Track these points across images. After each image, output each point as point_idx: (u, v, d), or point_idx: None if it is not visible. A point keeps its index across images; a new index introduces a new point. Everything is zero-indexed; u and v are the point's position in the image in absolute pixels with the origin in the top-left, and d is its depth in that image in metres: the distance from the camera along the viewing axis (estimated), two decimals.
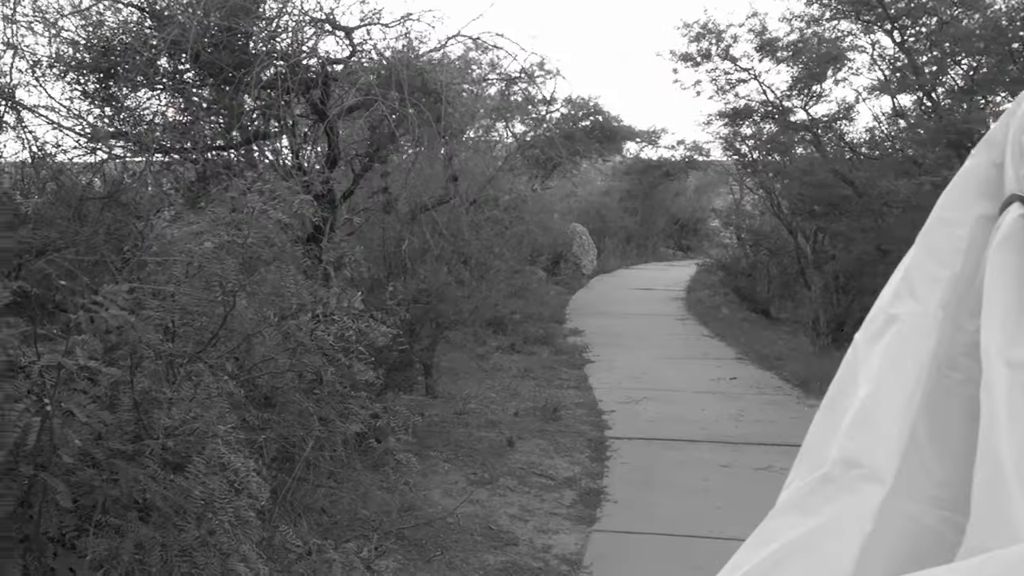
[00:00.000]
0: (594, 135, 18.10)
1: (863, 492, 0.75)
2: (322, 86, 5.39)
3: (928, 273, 0.82)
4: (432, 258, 8.69)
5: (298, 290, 3.72)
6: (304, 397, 4.61)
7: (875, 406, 0.78)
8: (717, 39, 10.75)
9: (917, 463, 0.75)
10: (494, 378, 10.55)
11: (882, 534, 0.74)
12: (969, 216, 0.81)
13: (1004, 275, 0.74)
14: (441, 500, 6.44)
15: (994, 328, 0.73)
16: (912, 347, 0.79)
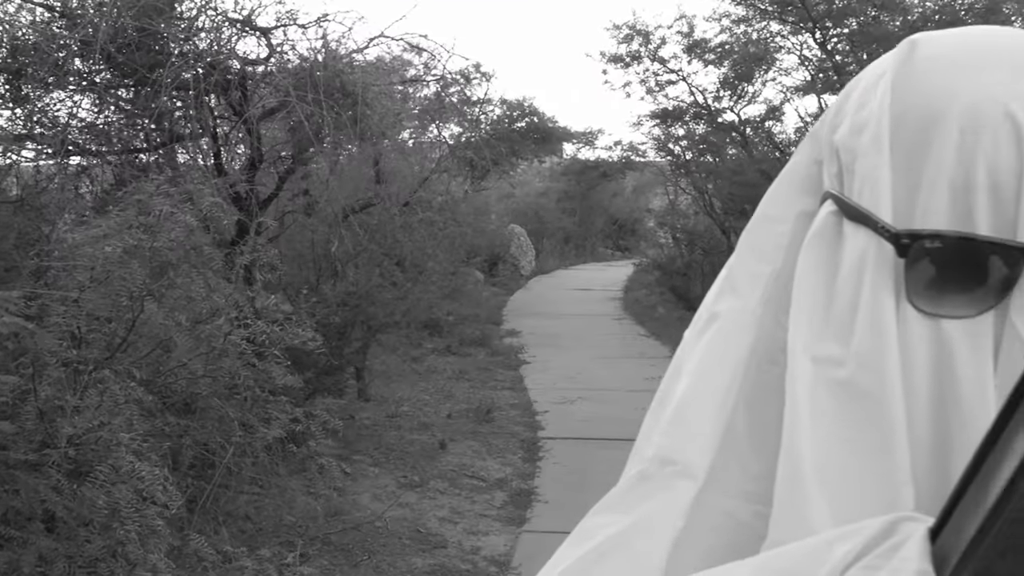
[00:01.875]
0: (530, 136, 18.15)
1: (676, 489, 0.74)
2: (240, 88, 5.31)
3: (749, 270, 0.81)
4: (364, 260, 8.63)
5: (209, 294, 3.65)
6: (224, 403, 4.54)
7: (690, 403, 0.78)
8: (646, 40, 10.85)
9: (734, 458, 0.75)
10: (428, 380, 10.51)
11: (696, 530, 0.74)
12: (791, 212, 0.80)
13: (813, 272, 0.74)
14: (370, 504, 6.40)
15: (800, 324, 0.73)
16: (730, 344, 0.79)
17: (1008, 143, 0.64)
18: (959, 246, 0.65)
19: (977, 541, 0.43)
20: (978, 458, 0.42)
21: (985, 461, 0.42)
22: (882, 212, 0.68)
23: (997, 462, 0.41)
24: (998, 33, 0.72)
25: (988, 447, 0.41)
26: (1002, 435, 0.40)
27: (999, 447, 0.41)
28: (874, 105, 0.71)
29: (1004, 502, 0.41)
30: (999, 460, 0.41)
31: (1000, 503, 0.41)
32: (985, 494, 0.42)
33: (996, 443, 0.41)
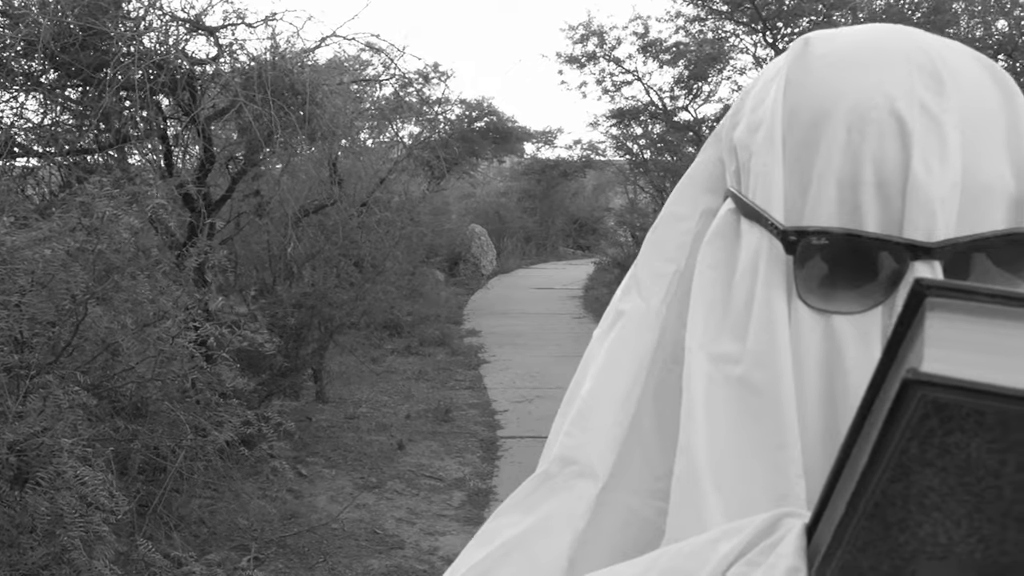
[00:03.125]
0: (489, 136, 18.15)
1: (577, 489, 0.75)
2: (188, 88, 5.25)
3: (654, 269, 0.81)
4: (320, 261, 8.58)
5: (156, 297, 3.61)
6: (175, 406, 4.49)
7: (593, 403, 0.78)
8: (601, 41, 10.90)
9: (640, 456, 0.76)
10: (388, 381, 10.47)
11: (602, 529, 0.74)
12: (696, 211, 0.81)
13: (711, 269, 0.74)
14: (327, 506, 6.36)
15: (697, 322, 0.73)
16: (633, 343, 0.79)
17: (893, 140, 0.65)
18: (846, 243, 0.65)
19: (839, 536, 0.44)
20: (842, 455, 0.43)
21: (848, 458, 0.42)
22: (774, 210, 0.68)
23: (855, 459, 0.41)
24: (888, 32, 0.72)
25: (850, 444, 0.42)
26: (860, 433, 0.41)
27: (857, 445, 0.41)
28: (768, 104, 0.72)
29: (858, 498, 0.41)
30: (856, 457, 0.41)
31: (854, 499, 0.42)
32: (845, 490, 0.42)
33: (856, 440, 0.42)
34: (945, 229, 0.63)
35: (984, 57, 0.72)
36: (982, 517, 0.40)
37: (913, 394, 0.36)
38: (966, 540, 0.41)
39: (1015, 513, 0.39)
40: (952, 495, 0.40)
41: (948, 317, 0.39)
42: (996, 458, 0.38)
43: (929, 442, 0.38)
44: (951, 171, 0.64)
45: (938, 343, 0.38)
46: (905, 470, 0.39)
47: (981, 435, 0.37)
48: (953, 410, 0.37)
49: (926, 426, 0.37)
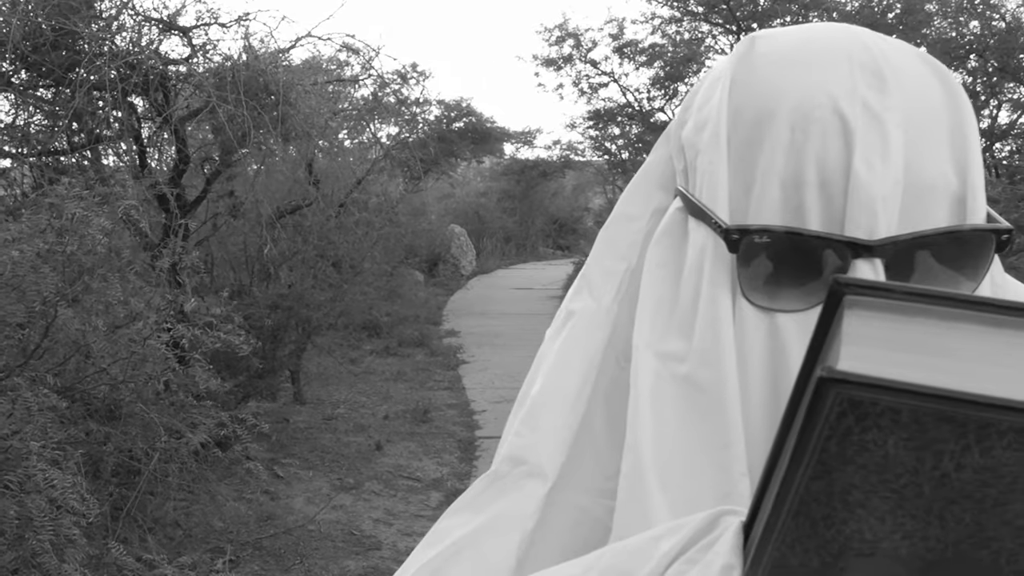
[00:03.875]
0: (468, 136, 18.14)
1: (526, 489, 0.74)
2: (162, 88, 5.22)
3: (605, 267, 0.81)
4: (298, 262, 8.55)
5: (127, 298, 3.59)
6: (148, 408, 4.46)
7: (543, 402, 0.78)
8: (577, 43, 10.92)
9: (591, 455, 0.75)
10: (366, 382, 10.45)
11: (552, 528, 0.74)
12: (647, 210, 0.81)
13: (659, 268, 0.74)
14: (303, 508, 6.34)
15: (645, 320, 0.73)
16: (584, 342, 0.79)
17: (836, 139, 0.65)
18: (789, 241, 0.65)
19: (768, 534, 0.44)
20: (772, 453, 0.43)
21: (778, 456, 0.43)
22: (719, 208, 0.68)
23: (783, 458, 0.42)
24: (833, 30, 0.72)
25: (779, 443, 0.42)
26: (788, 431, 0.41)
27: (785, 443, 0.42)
28: (714, 103, 0.72)
29: (783, 496, 0.42)
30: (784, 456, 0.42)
31: (780, 497, 0.42)
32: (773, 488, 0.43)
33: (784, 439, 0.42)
34: (887, 227, 0.64)
35: (929, 56, 0.73)
36: (904, 513, 0.40)
37: (828, 392, 0.37)
38: (891, 536, 0.41)
39: (936, 509, 0.40)
40: (874, 492, 0.40)
41: (866, 315, 0.40)
42: (913, 455, 0.38)
43: (847, 440, 0.38)
44: (893, 169, 0.64)
45: (855, 341, 0.39)
46: (826, 468, 0.39)
47: (897, 432, 0.37)
48: (868, 408, 0.37)
49: (843, 424, 0.37)
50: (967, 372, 0.37)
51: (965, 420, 0.36)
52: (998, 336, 0.39)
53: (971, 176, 0.68)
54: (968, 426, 0.36)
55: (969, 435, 0.37)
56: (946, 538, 0.41)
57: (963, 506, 0.40)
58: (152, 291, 3.93)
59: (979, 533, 0.40)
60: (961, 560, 0.42)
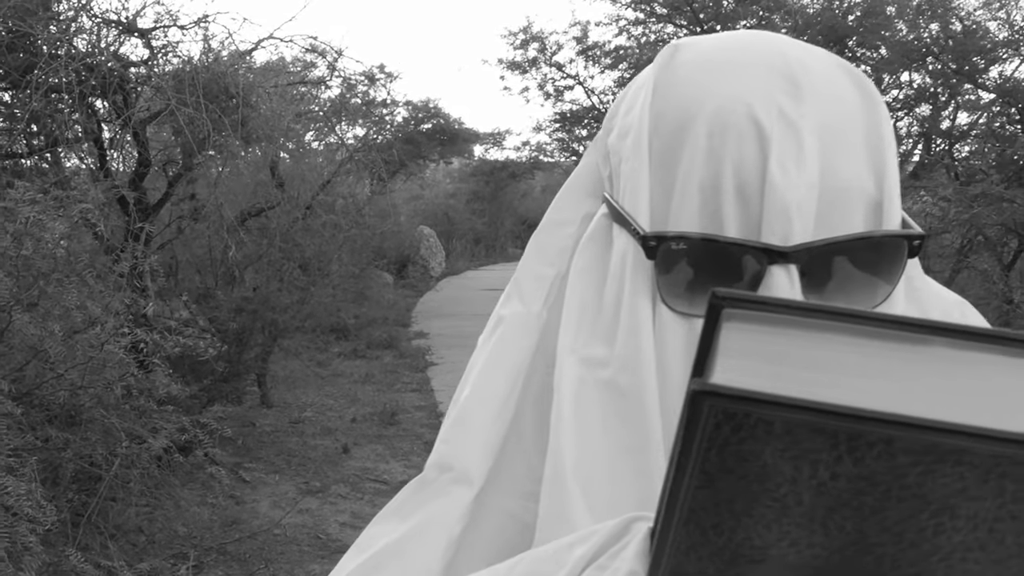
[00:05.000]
0: (436, 138, 18.11)
1: (452, 495, 0.75)
2: (121, 90, 5.17)
3: (535, 273, 0.81)
4: (263, 265, 8.49)
5: (84, 302, 3.55)
6: (109, 413, 4.42)
7: (470, 408, 0.78)
8: (542, 46, 10.94)
9: (519, 461, 0.75)
10: (334, 385, 10.40)
11: (480, 534, 0.74)
12: (577, 215, 0.81)
13: (584, 274, 0.75)
14: (269, 512, 6.30)
15: (570, 326, 0.74)
16: (512, 347, 0.79)
17: (752, 145, 0.65)
18: (706, 247, 0.66)
19: (663, 541, 0.45)
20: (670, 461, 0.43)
21: None
22: (640, 215, 0.69)
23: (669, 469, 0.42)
24: (752, 38, 0.73)
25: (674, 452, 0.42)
26: None
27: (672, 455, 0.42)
28: (637, 109, 0.72)
29: (673, 504, 0.42)
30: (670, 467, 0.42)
31: (670, 505, 0.42)
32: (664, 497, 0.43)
33: None
34: (802, 233, 0.64)
35: (848, 64, 0.74)
36: (789, 521, 0.41)
37: (702, 404, 0.37)
38: (778, 543, 0.42)
39: (818, 517, 0.40)
40: (757, 501, 0.40)
41: (743, 328, 0.40)
42: (790, 465, 0.38)
43: (726, 450, 0.38)
44: (808, 175, 0.64)
45: (731, 354, 0.39)
46: (709, 477, 0.40)
47: (772, 443, 0.38)
48: (742, 420, 0.37)
49: (721, 435, 0.38)
50: (838, 384, 0.38)
51: (835, 431, 0.37)
52: (871, 348, 0.40)
53: (887, 182, 0.69)
54: (839, 437, 0.37)
55: (841, 446, 0.37)
56: (830, 545, 0.42)
57: (843, 514, 0.40)
58: (110, 295, 3.89)
59: (862, 540, 0.41)
60: (847, 566, 0.42)
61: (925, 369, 0.39)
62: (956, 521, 0.39)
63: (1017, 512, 0.38)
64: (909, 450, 0.37)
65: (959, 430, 0.36)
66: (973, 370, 0.39)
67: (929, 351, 0.40)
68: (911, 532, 0.40)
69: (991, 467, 0.37)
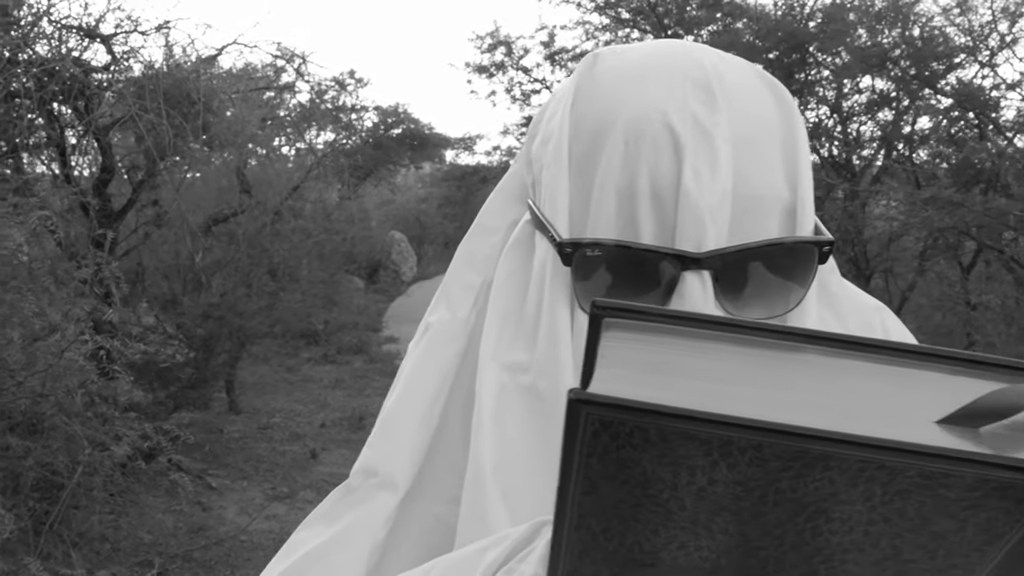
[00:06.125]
0: (406, 143, 18.06)
1: (377, 500, 0.75)
2: (84, 96, 5.14)
3: (463, 280, 0.81)
4: (230, 271, 8.45)
5: (43, 310, 3.53)
6: (71, 421, 4.39)
7: (396, 414, 0.78)
8: (509, 50, 10.96)
9: (446, 465, 0.76)
10: (303, 390, 10.36)
11: (407, 538, 0.75)
12: (505, 222, 0.81)
13: (508, 279, 0.75)
14: (236, 518, 6.28)
15: (492, 331, 0.74)
16: (438, 354, 0.79)
17: (667, 153, 0.66)
18: (622, 253, 0.67)
19: (556, 547, 0.45)
20: None
21: None
22: (559, 222, 0.70)
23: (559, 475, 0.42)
24: (671, 47, 0.74)
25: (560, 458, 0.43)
26: None
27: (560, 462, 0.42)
28: (557, 117, 0.73)
29: (562, 510, 0.43)
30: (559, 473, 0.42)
31: (560, 511, 0.43)
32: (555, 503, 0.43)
33: None
34: (716, 239, 0.65)
35: (766, 73, 0.75)
36: (674, 525, 0.42)
37: (579, 412, 0.37)
38: (667, 547, 0.43)
39: (702, 521, 0.41)
40: (641, 506, 0.41)
41: (622, 337, 0.41)
42: (669, 471, 0.39)
43: (606, 457, 0.39)
44: (721, 182, 0.65)
45: (609, 362, 0.40)
46: (593, 483, 0.40)
47: (648, 450, 0.38)
48: (619, 427, 0.37)
49: (600, 442, 0.38)
50: (713, 391, 0.38)
51: (708, 438, 0.37)
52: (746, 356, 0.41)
53: (801, 189, 0.70)
54: (712, 444, 0.37)
55: (714, 452, 0.38)
56: (716, 548, 0.42)
57: (725, 517, 0.41)
58: (71, 302, 3.87)
59: (745, 543, 0.42)
60: (734, 568, 0.43)
61: (797, 376, 0.40)
62: (832, 524, 0.40)
63: (888, 515, 0.39)
64: (779, 456, 0.37)
65: (822, 436, 0.36)
66: (843, 377, 0.40)
67: (801, 359, 0.41)
68: (791, 535, 0.41)
69: (858, 472, 0.37)
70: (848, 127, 9.37)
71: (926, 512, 0.39)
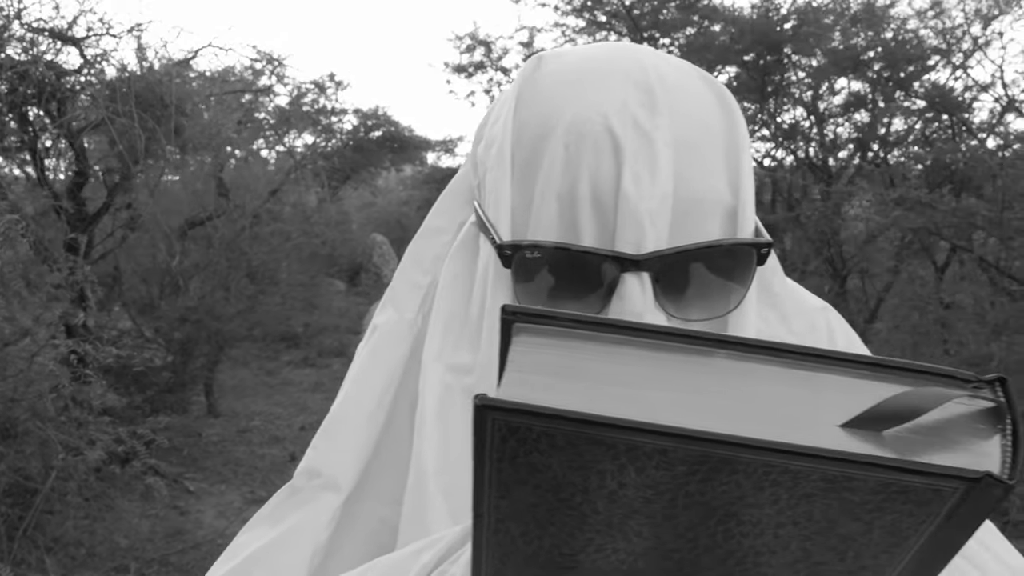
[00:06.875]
0: (387, 145, 17.99)
1: (320, 501, 0.75)
2: (56, 100, 5.12)
3: (411, 281, 0.81)
4: (208, 274, 8.42)
5: (12, 314, 3.51)
6: (45, 425, 4.37)
7: (341, 415, 0.78)
8: (488, 50, 10.95)
9: (392, 467, 0.75)
10: (283, 393, 10.32)
11: (351, 539, 0.75)
12: (453, 224, 0.80)
13: (453, 281, 0.75)
14: (213, 522, 6.26)
15: (436, 333, 0.74)
16: (385, 355, 0.78)
17: (607, 156, 0.66)
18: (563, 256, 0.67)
19: (477, 550, 0.45)
20: None
21: None
22: (501, 224, 0.70)
23: None
24: (613, 50, 0.74)
25: None
26: None
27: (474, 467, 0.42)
28: (501, 121, 0.73)
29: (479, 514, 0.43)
30: None
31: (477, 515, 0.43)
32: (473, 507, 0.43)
33: None
34: (655, 241, 0.65)
35: (710, 76, 0.75)
36: (590, 529, 0.42)
37: (486, 418, 0.37)
38: (585, 550, 0.43)
39: (616, 524, 0.41)
40: (556, 509, 0.41)
41: (532, 342, 0.41)
42: (579, 475, 0.39)
43: (516, 462, 0.39)
44: (661, 185, 0.65)
45: (518, 367, 0.40)
46: (506, 488, 0.40)
47: (557, 455, 0.38)
48: (525, 433, 0.37)
49: (508, 447, 0.38)
50: (621, 396, 0.38)
51: (614, 443, 0.37)
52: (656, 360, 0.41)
53: (742, 191, 0.70)
54: (618, 448, 0.37)
55: (621, 456, 0.37)
56: (633, 550, 0.42)
57: (638, 520, 0.41)
58: (43, 307, 3.85)
59: (660, 545, 0.42)
60: (652, 570, 0.43)
61: (705, 380, 0.40)
62: (742, 527, 0.40)
63: (796, 518, 0.39)
64: (684, 460, 0.37)
65: (724, 440, 0.36)
66: (750, 381, 0.40)
67: (710, 363, 0.41)
68: (703, 537, 0.41)
69: (763, 476, 0.37)
70: (825, 129, 9.43)
71: (832, 515, 0.39)
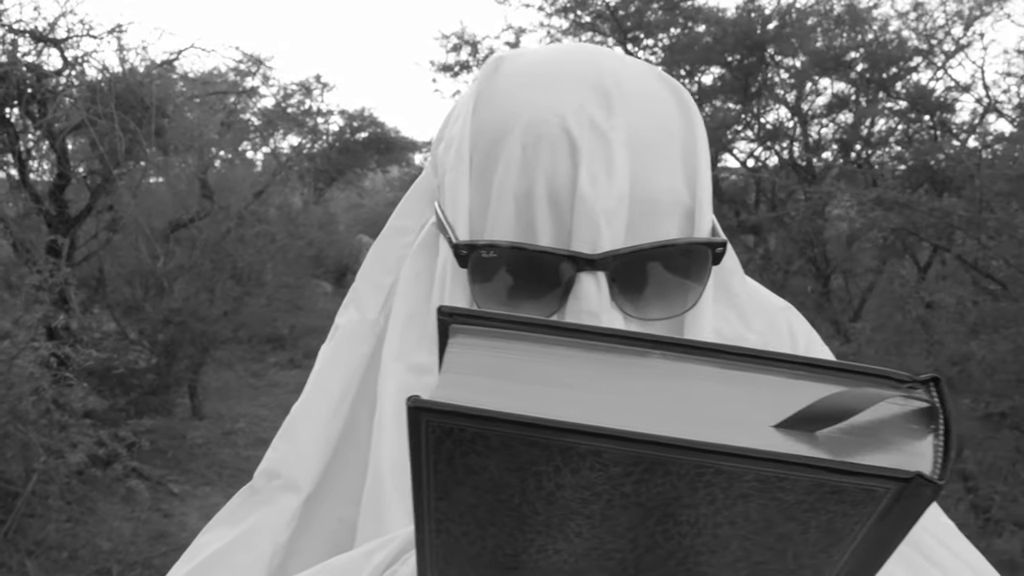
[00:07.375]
0: (373, 147, 17.95)
1: (280, 502, 0.74)
2: (36, 101, 5.10)
3: (373, 281, 0.80)
4: (192, 276, 8.40)
5: None
6: (26, 428, 4.35)
7: (300, 416, 0.78)
8: (474, 50, 10.94)
9: (353, 467, 0.75)
10: (269, 395, 10.30)
11: (311, 540, 0.75)
12: (417, 224, 0.80)
13: (414, 280, 0.75)
14: (198, 524, 6.19)
15: (395, 332, 0.74)
16: (346, 355, 0.78)
17: (564, 156, 0.66)
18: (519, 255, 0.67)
19: (421, 551, 0.45)
20: None
21: None
22: (459, 225, 0.70)
23: None
24: (571, 51, 0.75)
25: None
26: None
27: None
28: (460, 121, 0.73)
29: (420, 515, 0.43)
30: None
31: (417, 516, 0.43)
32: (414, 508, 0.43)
33: None
34: (611, 241, 0.65)
35: (668, 77, 0.76)
36: (530, 529, 0.41)
37: (419, 420, 0.37)
38: (527, 551, 0.42)
39: (556, 525, 0.41)
40: (496, 511, 0.41)
41: (469, 343, 0.40)
42: (516, 476, 0.39)
43: (453, 463, 0.39)
44: (618, 185, 0.65)
45: (454, 369, 0.39)
46: (445, 489, 0.40)
47: (493, 457, 0.38)
48: (459, 434, 0.37)
49: (444, 449, 0.38)
50: (557, 397, 0.38)
51: (548, 444, 0.37)
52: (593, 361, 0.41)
53: (699, 191, 0.71)
54: (552, 449, 0.37)
55: (556, 458, 0.37)
56: (574, 551, 0.42)
57: (578, 521, 0.40)
58: (23, 309, 3.83)
59: (601, 545, 0.42)
60: (594, 571, 0.43)
61: (640, 381, 0.40)
62: (681, 527, 0.40)
63: (733, 518, 0.39)
64: (618, 461, 0.37)
65: (654, 440, 0.36)
66: (686, 382, 0.40)
67: (646, 363, 0.41)
68: (643, 537, 0.41)
69: (696, 476, 0.37)
70: (808, 129, 9.46)
71: (768, 515, 0.39)
